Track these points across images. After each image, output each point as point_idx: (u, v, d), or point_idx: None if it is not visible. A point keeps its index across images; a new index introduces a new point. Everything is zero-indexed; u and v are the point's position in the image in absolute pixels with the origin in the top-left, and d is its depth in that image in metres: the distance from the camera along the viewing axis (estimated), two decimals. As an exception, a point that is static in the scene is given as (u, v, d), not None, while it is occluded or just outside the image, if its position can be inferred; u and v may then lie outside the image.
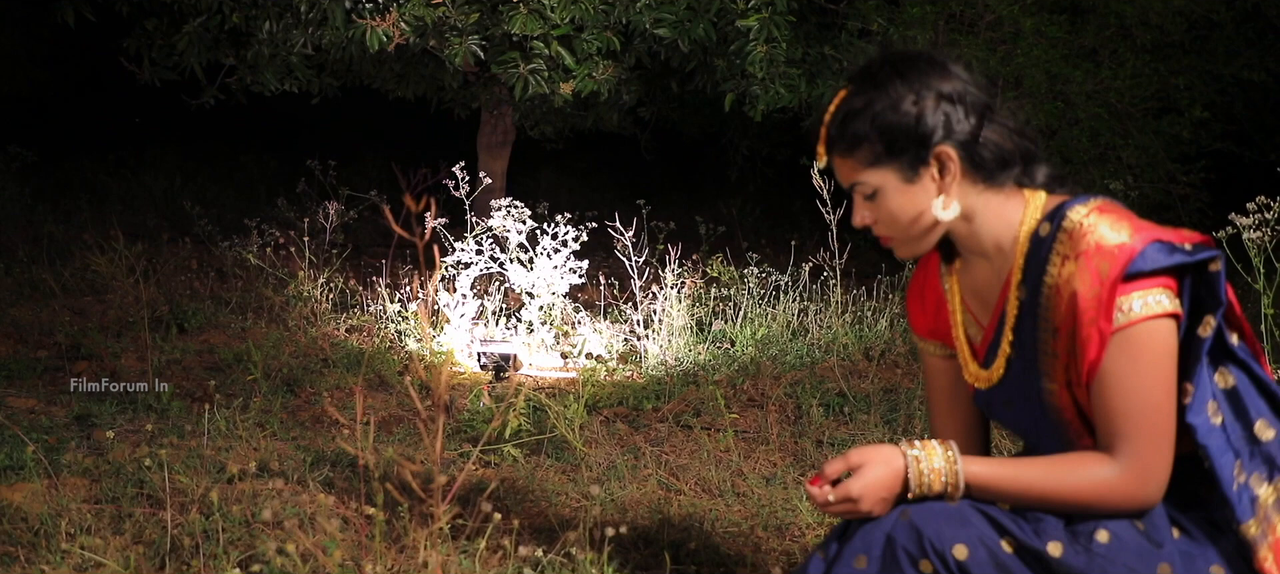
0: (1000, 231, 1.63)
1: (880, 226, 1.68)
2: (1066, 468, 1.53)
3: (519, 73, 5.16)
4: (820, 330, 4.49)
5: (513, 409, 3.24)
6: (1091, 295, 1.49)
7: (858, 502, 1.56)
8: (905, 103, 1.58)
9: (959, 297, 1.76)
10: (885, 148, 1.60)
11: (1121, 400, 1.50)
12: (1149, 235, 1.50)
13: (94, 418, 3.37)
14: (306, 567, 2.24)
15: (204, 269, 5.16)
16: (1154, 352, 1.50)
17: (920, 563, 1.48)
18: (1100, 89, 5.60)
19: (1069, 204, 1.56)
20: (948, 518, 1.51)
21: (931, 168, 1.60)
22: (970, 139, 1.59)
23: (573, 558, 2.31)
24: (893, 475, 1.57)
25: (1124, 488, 1.50)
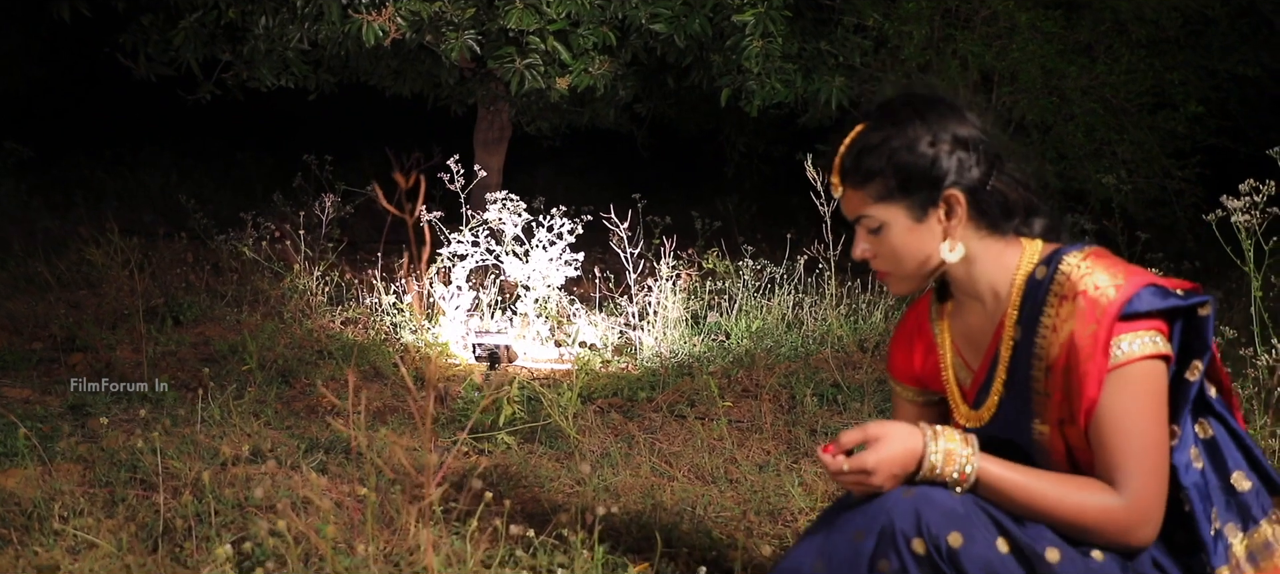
0: (997, 277, 1.67)
1: (879, 262, 1.72)
2: (1075, 487, 1.54)
3: (515, 68, 5.16)
4: (815, 322, 4.49)
5: (506, 397, 3.24)
6: (1088, 335, 1.52)
7: (871, 474, 1.57)
8: (922, 143, 1.62)
9: (949, 340, 1.79)
10: (898, 185, 1.63)
11: (1122, 438, 1.52)
12: (1142, 280, 1.54)
13: (88, 407, 3.37)
14: (299, 548, 2.24)
15: (199, 263, 5.16)
16: (1148, 391, 1.53)
17: (913, 541, 1.49)
18: (1095, 84, 5.61)
19: (1064, 250, 1.61)
20: (948, 505, 1.52)
21: (939, 210, 1.64)
22: (979, 186, 1.63)
23: (564, 540, 2.32)
24: (909, 454, 1.58)
25: (1125, 519, 1.52)
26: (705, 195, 7.52)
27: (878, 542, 1.52)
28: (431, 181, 4.19)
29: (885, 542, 1.51)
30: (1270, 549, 1.55)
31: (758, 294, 4.77)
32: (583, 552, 2.20)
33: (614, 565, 2.32)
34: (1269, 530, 1.56)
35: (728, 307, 4.69)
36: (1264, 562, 1.55)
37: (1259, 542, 1.56)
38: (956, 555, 1.48)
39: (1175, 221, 5.88)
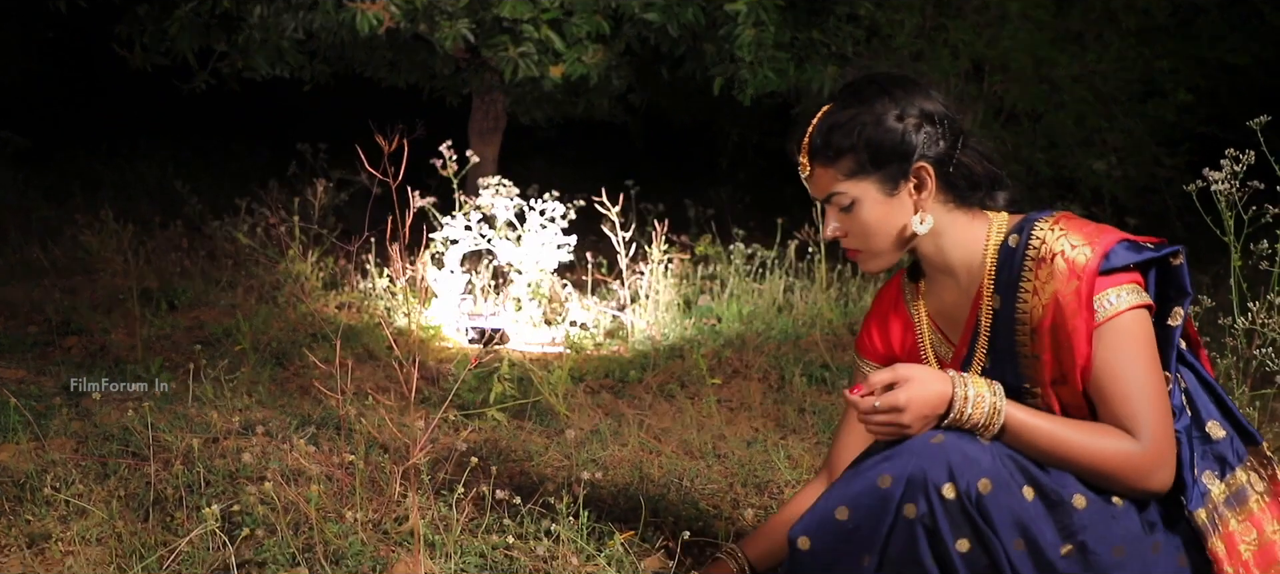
0: (968, 250, 1.71)
1: (851, 240, 1.75)
2: (1098, 433, 1.57)
3: (509, 56, 5.18)
4: (805, 306, 4.52)
5: (497, 375, 3.27)
6: (1071, 292, 1.57)
7: (903, 411, 1.57)
8: (889, 118, 1.66)
9: (926, 318, 1.83)
10: (869, 159, 1.67)
11: (1125, 386, 1.56)
12: (1115, 236, 1.60)
13: (82, 388, 3.39)
14: (288, 517, 2.27)
15: (194, 249, 5.18)
16: (1140, 339, 1.58)
17: (943, 487, 1.50)
18: (1086, 73, 5.64)
19: (1034, 217, 1.66)
20: (977, 452, 1.53)
21: (910, 183, 1.68)
22: (945, 159, 1.67)
23: (551, 507, 2.35)
24: (938, 396, 1.58)
25: (1144, 463, 1.55)
26: (699, 186, 7.55)
27: (906, 487, 1.52)
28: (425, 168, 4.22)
29: (914, 487, 1.52)
30: (1245, 495, 1.60)
31: (749, 278, 4.79)
32: (568, 518, 2.23)
33: (600, 533, 2.35)
34: (1244, 477, 1.61)
35: (719, 291, 4.72)
36: (1240, 507, 1.60)
37: (1235, 488, 1.60)
38: (985, 502, 1.50)
39: (1165, 209, 5.91)
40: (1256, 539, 1.58)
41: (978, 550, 1.50)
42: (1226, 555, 1.56)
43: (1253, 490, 1.61)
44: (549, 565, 2.10)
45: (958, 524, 1.50)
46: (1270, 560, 1.58)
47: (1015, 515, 1.51)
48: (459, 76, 6.51)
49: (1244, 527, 1.59)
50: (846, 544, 1.57)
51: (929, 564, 1.52)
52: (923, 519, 1.51)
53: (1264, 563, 1.58)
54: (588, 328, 4.37)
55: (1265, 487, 1.62)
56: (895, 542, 1.53)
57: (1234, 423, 1.65)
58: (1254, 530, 1.59)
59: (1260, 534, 1.58)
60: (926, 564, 1.52)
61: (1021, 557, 1.50)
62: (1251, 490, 1.61)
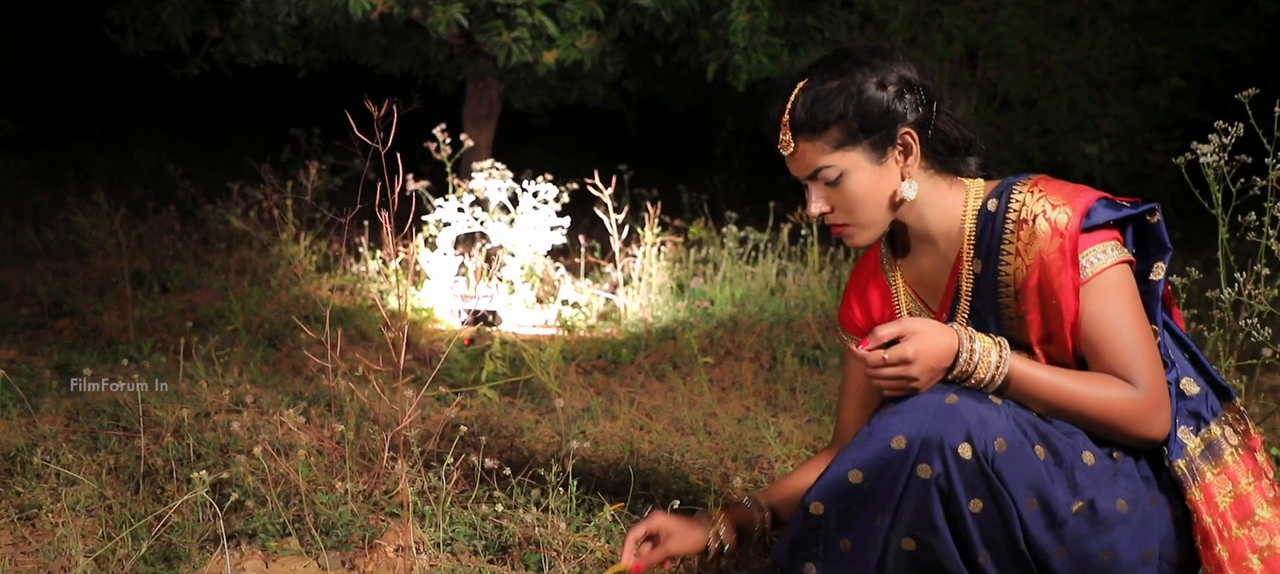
0: (947, 216, 1.72)
1: (836, 214, 1.72)
2: (1100, 383, 1.59)
3: (502, 41, 5.18)
4: (798, 288, 4.53)
5: (489, 353, 3.27)
6: (1055, 250, 1.59)
7: (911, 363, 1.57)
8: (871, 87, 1.66)
9: (903, 286, 1.83)
10: (859, 127, 1.65)
11: (1117, 338, 1.59)
12: (1093, 195, 1.63)
13: (73, 366, 3.39)
14: (278, 489, 2.27)
15: (187, 233, 5.18)
16: (1126, 292, 1.60)
17: (960, 447, 1.51)
18: (1079, 58, 5.65)
19: (1012, 182, 1.67)
20: (992, 410, 1.54)
21: (896, 149, 1.68)
22: (926, 124, 1.68)
23: (541, 478, 2.35)
24: (945, 349, 1.59)
25: (1145, 410, 1.57)
26: (693, 174, 7.56)
27: (920, 447, 1.53)
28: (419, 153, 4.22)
29: (929, 447, 1.52)
30: (1219, 449, 1.62)
31: (742, 261, 4.80)
32: (558, 488, 2.23)
33: (590, 504, 2.35)
34: (1218, 431, 1.63)
35: (712, 274, 4.73)
36: (1215, 460, 1.62)
37: (1209, 441, 1.63)
38: (1001, 461, 1.51)
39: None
40: (1232, 491, 1.60)
41: (991, 510, 1.51)
42: (1205, 505, 1.58)
43: (1227, 444, 1.63)
44: (538, 535, 2.11)
45: (972, 484, 1.51)
46: (1246, 512, 1.60)
47: (1029, 475, 1.52)
48: (453, 62, 6.51)
49: (1220, 479, 1.61)
50: (861, 506, 1.58)
51: (941, 524, 1.53)
52: (938, 480, 1.51)
53: (1241, 514, 1.60)
54: (579, 306, 4.38)
55: (1239, 441, 1.64)
56: (908, 502, 1.54)
57: (1208, 379, 1.67)
58: (1229, 483, 1.61)
59: (1235, 487, 1.61)
60: (938, 524, 1.53)
61: (1034, 515, 1.51)
62: (1226, 444, 1.63)
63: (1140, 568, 1.56)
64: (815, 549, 1.63)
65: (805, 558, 1.64)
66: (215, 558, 2.00)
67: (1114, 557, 1.54)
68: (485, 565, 2.03)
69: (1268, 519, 1.59)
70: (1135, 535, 1.56)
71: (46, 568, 1.99)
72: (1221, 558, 1.57)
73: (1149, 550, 1.57)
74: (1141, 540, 1.57)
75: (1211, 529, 1.58)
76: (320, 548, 2.07)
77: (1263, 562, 1.57)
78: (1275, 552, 1.58)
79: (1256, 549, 1.58)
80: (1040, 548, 1.52)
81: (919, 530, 1.54)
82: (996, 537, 1.52)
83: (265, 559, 2.04)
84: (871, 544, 1.58)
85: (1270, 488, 1.62)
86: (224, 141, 9.01)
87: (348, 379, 2.75)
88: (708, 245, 4.91)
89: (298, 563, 2.03)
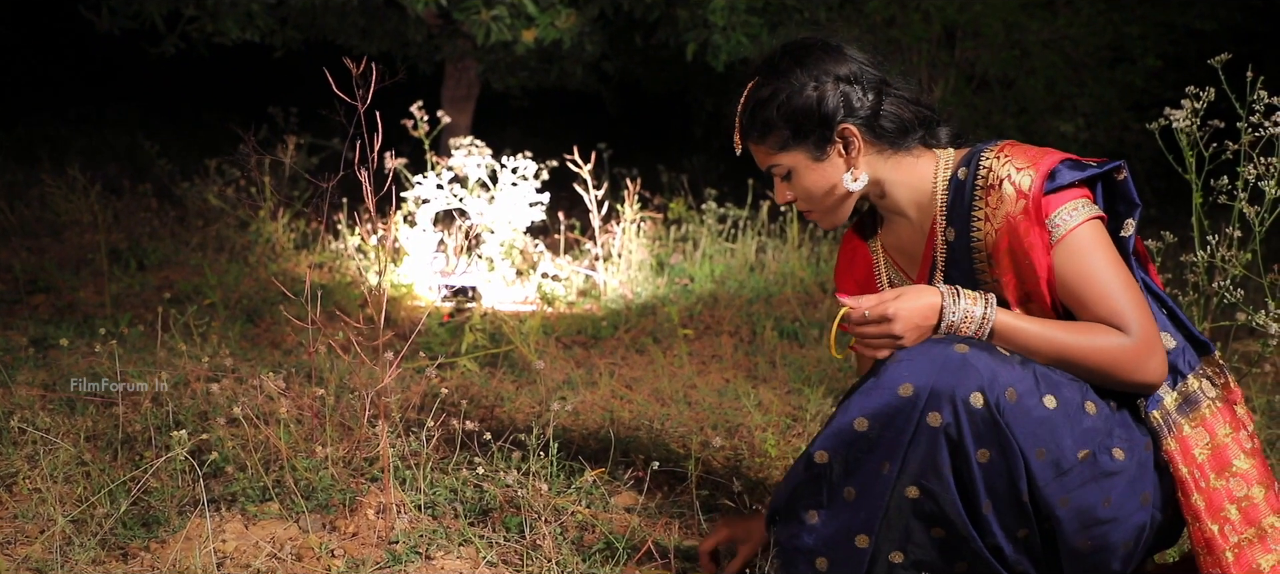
0: (916, 189, 1.76)
1: (800, 203, 1.82)
2: (1088, 332, 1.60)
3: (481, 20, 5.16)
4: (777, 264, 4.54)
5: (469, 325, 3.27)
6: (1020, 211, 1.62)
7: (892, 321, 1.60)
8: (806, 89, 1.71)
9: (882, 254, 1.89)
10: (792, 132, 1.72)
11: (1099, 287, 1.61)
12: (1057, 156, 1.66)
13: (50, 340, 3.37)
14: (258, 454, 2.27)
15: (164, 210, 5.15)
16: (1101, 244, 1.63)
17: (972, 395, 1.52)
18: (1056, 38, 5.68)
19: (980, 148, 1.71)
20: (1003, 362, 1.56)
21: (837, 145, 1.73)
22: (871, 115, 1.72)
23: (521, 444, 2.36)
24: (929, 307, 1.62)
25: (1136, 356, 1.58)
26: (673, 154, 7.56)
27: (930, 397, 1.54)
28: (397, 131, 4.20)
29: (939, 397, 1.53)
30: (1196, 401, 1.65)
31: (722, 239, 4.81)
32: (538, 452, 2.24)
33: (571, 469, 2.36)
34: (1195, 384, 1.66)
35: (692, 251, 4.73)
36: (1192, 412, 1.65)
37: (1186, 394, 1.65)
38: (1012, 411, 1.53)
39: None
40: (1209, 443, 1.63)
41: (997, 459, 1.53)
42: (1181, 456, 1.61)
43: (1205, 396, 1.65)
44: (519, 497, 2.11)
45: (981, 434, 1.53)
46: (1224, 463, 1.62)
47: (1038, 426, 1.53)
48: (431, 43, 6.47)
49: (1197, 431, 1.63)
50: (867, 453, 1.59)
51: (946, 473, 1.55)
52: (947, 429, 1.53)
53: (1218, 466, 1.62)
54: (560, 279, 4.38)
55: (1217, 393, 1.67)
56: (916, 449, 1.55)
57: (1186, 334, 1.69)
58: (1207, 434, 1.63)
59: (1213, 438, 1.63)
60: (944, 473, 1.55)
61: (1042, 466, 1.53)
62: (1203, 396, 1.65)
63: (1137, 513, 1.59)
64: (819, 497, 1.64)
65: (808, 505, 1.65)
66: (195, 521, 2.00)
67: (1112, 503, 1.56)
68: (466, 527, 2.04)
69: (1245, 469, 1.62)
70: (1131, 482, 1.58)
71: (24, 531, 1.98)
72: (1198, 507, 1.60)
73: (1145, 495, 1.60)
74: (1138, 486, 1.59)
75: (1187, 479, 1.60)
76: (301, 510, 2.07)
77: (1240, 512, 1.60)
78: (1253, 502, 1.61)
79: (1234, 499, 1.60)
80: (1046, 498, 1.54)
81: (924, 479, 1.56)
82: (1000, 487, 1.54)
83: (245, 522, 2.04)
84: (877, 492, 1.59)
85: (1248, 440, 1.65)
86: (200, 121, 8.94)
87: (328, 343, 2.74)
88: (687, 223, 4.91)
89: (278, 525, 2.03)
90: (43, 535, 1.93)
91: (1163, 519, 1.63)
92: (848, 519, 1.62)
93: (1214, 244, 2.28)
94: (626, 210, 4.48)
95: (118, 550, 1.92)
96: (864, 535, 1.61)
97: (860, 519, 1.61)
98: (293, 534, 2.00)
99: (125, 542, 1.94)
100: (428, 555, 1.95)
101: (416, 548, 1.97)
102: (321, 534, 2.01)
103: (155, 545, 1.94)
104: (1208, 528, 1.59)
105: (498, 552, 1.97)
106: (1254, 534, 1.60)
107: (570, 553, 1.96)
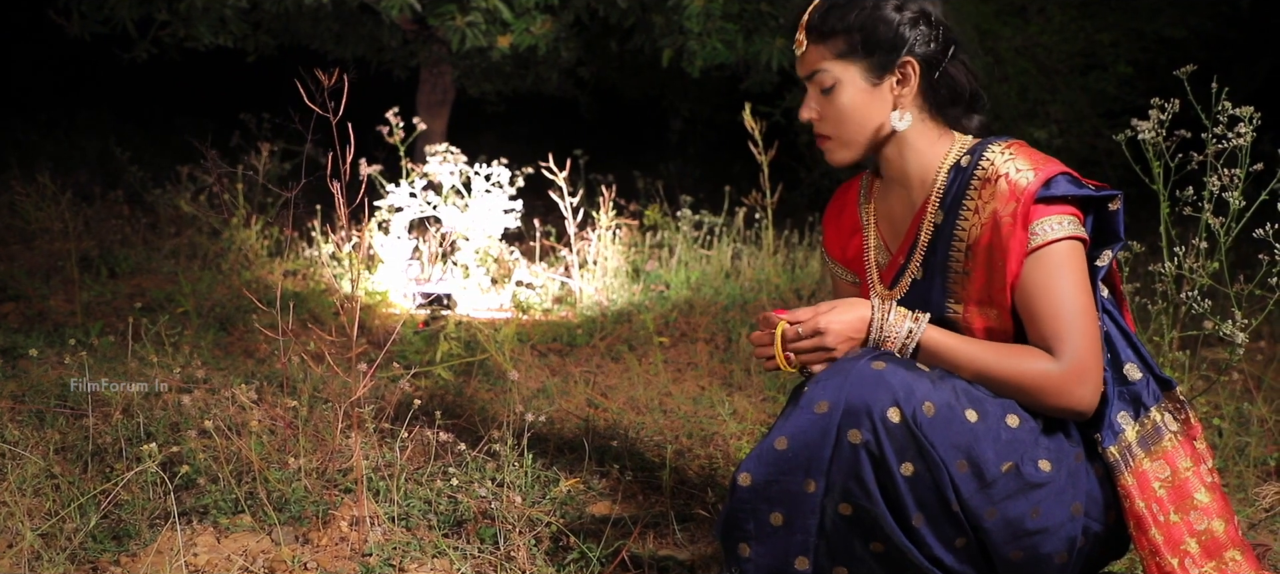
0: (927, 163, 1.73)
1: (825, 125, 1.75)
2: (1015, 354, 1.61)
3: (456, 26, 5.15)
4: (753, 271, 4.55)
5: (443, 334, 3.26)
6: (1008, 213, 1.61)
7: (824, 335, 1.62)
8: (888, 7, 1.68)
9: (873, 222, 1.86)
10: (862, 42, 1.68)
11: (1051, 304, 1.60)
12: (1059, 167, 1.64)
13: (19, 349, 3.34)
14: (230, 465, 2.26)
15: (136, 217, 5.10)
16: (1072, 265, 1.61)
17: (888, 411, 1.52)
18: (1028, 45, 5.73)
19: (988, 141, 1.69)
20: (919, 375, 1.56)
21: (894, 76, 1.69)
22: (934, 62, 1.69)
23: (496, 454, 2.36)
24: (859, 320, 1.64)
25: (1063, 383, 1.58)
26: (648, 160, 7.57)
27: (846, 413, 1.53)
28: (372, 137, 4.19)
29: (857, 413, 1.52)
30: (1160, 433, 1.64)
31: (697, 246, 4.82)
32: (513, 461, 2.24)
33: (546, 480, 2.36)
34: (1158, 417, 1.65)
35: (667, 258, 4.74)
36: (1155, 446, 1.64)
37: (1150, 427, 1.64)
38: (930, 424, 1.52)
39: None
40: (1170, 476, 1.62)
41: (922, 472, 1.52)
42: (1138, 491, 1.60)
43: (1167, 430, 1.64)
44: (494, 508, 2.11)
45: (902, 448, 1.52)
46: (1184, 496, 1.61)
47: (959, 437, 1.53)
48: (406, 48, 6.45)
49: (1158, 465, 1.62)
50: (788, 473, 1.58)
51: (873, 488, 1.53)
52: (867, 445, 1.52)
53: (1178, 500, 1.61)
54: (534, 287, 4.37)
55: (1179, 427, 1.66)
56: (839, 466, 1.54)
57: (1149, 369, 1.69)
58: (1167, 468, 1.62)
59: (1174, 472, 1.62)
60: (871, 488, 1.53)
61: (965, 477, 1.52)
62: (1166, 429, 1.64)
63: (1068, 524, 1.58)
64: (747, 527, 1.61)
65: (738, 538, 1.63)
66: (166, 534, 1.98)
67: (1041, 514, 1.55)
68: (440, 539, 2.03)
69: (1206, 503, 1.61)
70: (1059, 493, 1.57)
71: (-8, 545, 1.96)
72: (1156, 542, 1.58)
73: (1076, 506, 1.59)
74: (1066, 498, 1.58)
75: (1144, 514, 1.59)
76: (274, 523, 2.06)
77: (1201, 545, 1.59)
78: (1213, 535, 1.60)
79: (1195, 533, 1.59)
80: (972, 509, 1.53)
81: (852, 496, 1.55)
82: (929, 499, 1.53)
83: (217, 535, 2.03)
84: (805, 512, 1.58)
85: (1209, 474, 1.64)
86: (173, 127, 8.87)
87: (301, 354, 2.73)
88: (663, 230, 4.92)
89: (250, 538, 2.02)
90: (11, 550, 1.91)
91: (1103, 530, 1.63)
92: (783, 544, 1.60)
93: (1181, 254, 2.30)
94: (602, 217, 4.48)
95: (88, 564, 1.91)
96: (803, 557, 1.59)
97: (796, 541, 1.60)
98: (265, 547, 1.99)
99: (95, 556, 1.93)
100: (401, 568, 1.94)
101: (390, 560, 1.96)
102: (294, 546, 2.00)
103: (126, 559, 1.92)
104: (1167, 562, 1.58)
105: (472, 563, 1.97)
106: (1213, 567, 1.59)
107: (544, 563, 1.96)
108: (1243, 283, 2.31)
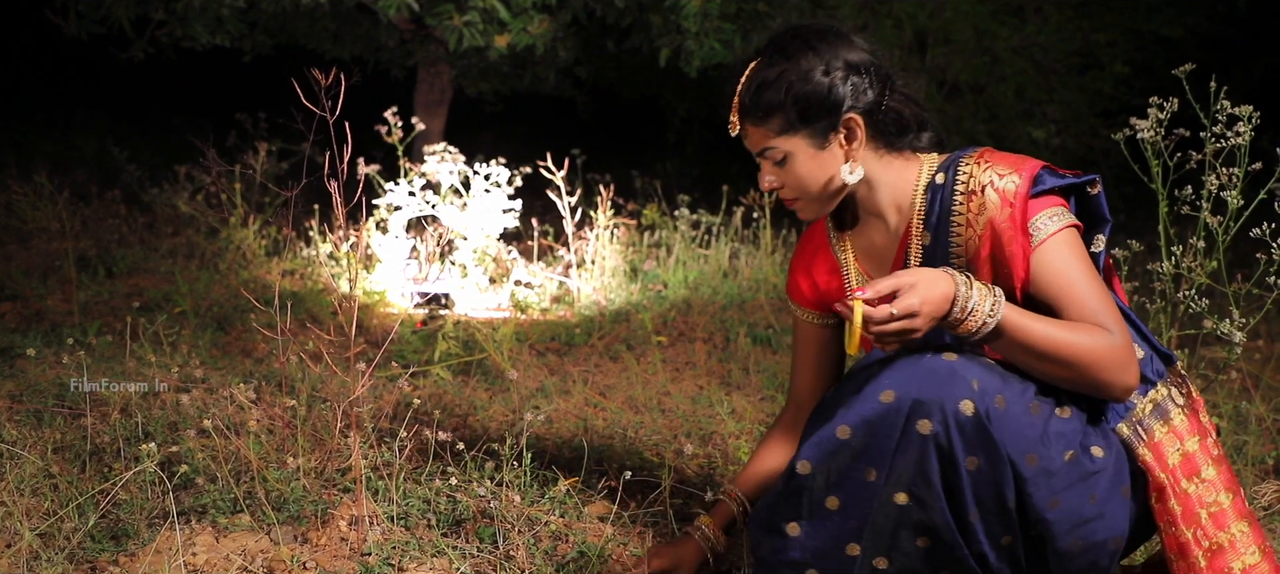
0: (899, 192, 1.75)
1: (787, 191, 1.77)
2: (1082, 330, 1.58)
3: (453, 26, 5.14)
4: (750, 270, 4.56)
5: (442, 334, 3.26)
6: (1006, 218, 1.62)
7: (917, 315, 1.53)
8: (816, 73, 1.68)
9: (852, 258, 1.86)
10: (799, 116, 1.69)
11: (1077, 291, 1.61)
12: (1037, 164, 1.66)
13: (17, 349, 3.33)
14: (228, 465, 2.25)
15: (133, 217, 5.10)
16: (1078, 253, 1.63)
17: (962, 403, 1.51)
18: (1026, 45, 5.73)
19: (958, 155, 1.71)
20: (989, 368, 1.56)
21: (840, 135, 1.70)
22: (875, 108, 1.70)
23: (495, 453, 2.35)
24: (944, 297, 1.56)
25: (1124, 356, 1.57)
26: (646, 160, 7.57)
27: (916, 405, 1.53)
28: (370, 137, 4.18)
29: (929, 405, 1.52)
30: (1166, 409, 1.67)
31: (695, 245, 4.82)
32: (512, 461, 2.24)
33: (544, 479, 2.36)
34: (1164, 391, 1.68)
35: (665, 258, 4.74)
36: (1164, 419, 1.66)
37: (1156, 402, 1.67)
38: (1001, 418, 1.52)
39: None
40: (1180, 449, 1.65)
41: (985, 468, 1.52)
42: (1156, 462, 1.63)
43: (1173, 404, 1.67)
44: (493, 508, 2.11)
45: (970, 442, 1.52)
46: (1193, 469, 1.64)
47: (1027, 431, 1.54)
48: (404, 48, 6.45)
49: (1169, 437, 1.65)
50: (852, 462, 1.58)
51: (936, 481, 1.54)
52: (937, 437, 1.52)
53: (1188, 472, 1.64)
54: (533, 286, 4.37)
55: (1184, 402, 1.69)
56: (904, 456, 1.54)
57: (1150, 345, 1.71)
58: (1177, 441, 1.65)
59: (1182, 446, 1.65)
60: (933, 481, 1.54)
61: (1034, 472, 1.53)
62: (1172, 404, 1.67)
63: (1121, 506, 1.60)
64: (799, 508, 1.63)
65: (788, 518, 1.64)
66: (164, 534, 1.98)
67: (1098, 500, 1.57)
68: (439, 539, 2.03)
69: (1212, 477, 1.64)
70: (1113, 477, 1.59)
71: (-10, 545, 1.95)
72: (1175, 512, 1.61)
73: (1125, 488, 1.61)
74: (1118, 480, 1.60)
75: (1165, 484, 1.62)
76: (273, 522, 2.06)
77: (1210, 517, 1.62)
78: (1221, 508, 1.63)
79: (1204, 505, 1.62)
80: (1036, 503, 1.53)
81: (914, 486, 1.55)
82: (987, 495, 1.54)
83: (216, 534, 2.03)
84: (862, 501, 1.58)
85: (1214, 446, 1.67)
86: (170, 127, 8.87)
87: (299, 354, 2.73)
88: (661, 229, 4.92)
89: (249, 538, 2.01)
90: (9, 550, 1.91)
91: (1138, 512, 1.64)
92: (836, 529, 1.61)
93: (1180, 254, 2.31)
94: (600, 217, 4.48)
95: (86, 564, 1.90)
96: (855, 544, 1.61)
97: (850, 528, 1.60)
98: (264, 546, 1.99)
99: (94, 556, 1.92)
100: (400, 567, 1.94)
101: (389, 560, 1.96)
102: (293, 546, 2.00)
103: (124, 559, 1.92)
104: (1183, 533, 1.61)
105: (471, 563, 1.97)
106: (1224, 539, 1.62)
107: (543, 563, 1.96)
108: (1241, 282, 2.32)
